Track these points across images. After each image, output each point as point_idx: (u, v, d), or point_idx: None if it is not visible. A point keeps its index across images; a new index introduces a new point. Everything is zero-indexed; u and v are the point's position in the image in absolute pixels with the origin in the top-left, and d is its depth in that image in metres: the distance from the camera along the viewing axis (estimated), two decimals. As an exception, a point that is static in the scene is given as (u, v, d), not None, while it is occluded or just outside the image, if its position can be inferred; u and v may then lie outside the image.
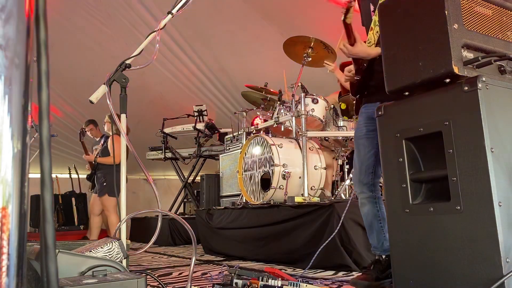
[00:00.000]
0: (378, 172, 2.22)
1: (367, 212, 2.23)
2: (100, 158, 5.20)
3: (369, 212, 2.22)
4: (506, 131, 1.32)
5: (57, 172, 7.70)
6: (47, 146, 0.55)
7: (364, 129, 2.23)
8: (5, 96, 0.53)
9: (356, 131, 2.31)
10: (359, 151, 2.25)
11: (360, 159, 2.24)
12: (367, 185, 2.21)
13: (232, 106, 7.35)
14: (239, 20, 5.85)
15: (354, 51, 2.05)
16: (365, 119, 2.24)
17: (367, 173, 2.21)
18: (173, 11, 2.13)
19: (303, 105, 3.89)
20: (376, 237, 2.22)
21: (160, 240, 5.64)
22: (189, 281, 1.67)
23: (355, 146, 2.31)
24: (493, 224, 1.22)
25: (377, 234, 2.21)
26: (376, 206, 2.22)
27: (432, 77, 1.42)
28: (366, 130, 2.22)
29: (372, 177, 2.21)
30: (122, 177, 2.05)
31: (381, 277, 2.14)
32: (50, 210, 0.55)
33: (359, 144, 2.25)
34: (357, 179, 2.27)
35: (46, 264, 0.54)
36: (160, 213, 1.93)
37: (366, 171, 2.21)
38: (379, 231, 2.21)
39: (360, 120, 2.29)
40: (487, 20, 1.48)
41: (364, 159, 2.22)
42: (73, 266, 1.27)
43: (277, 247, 3.37)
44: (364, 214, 2.26)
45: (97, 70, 5.83)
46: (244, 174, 4.18)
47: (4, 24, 0.53)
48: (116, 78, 2.01)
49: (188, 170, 6.86)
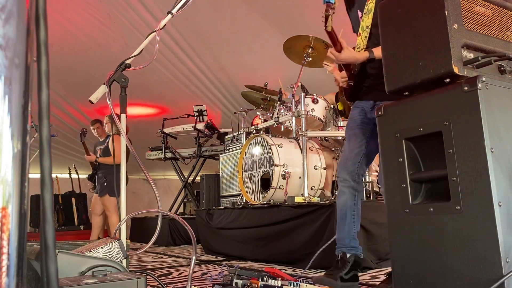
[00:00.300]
0: (364, 165, 2.21)
1: (344, 202, 2.19)
2: (101, 158, 5.21)
3: (346, 203, 2.19)
4: (506, 131, 1.32)
5: (57, 172, 7.70)
6: (47, 146, 0.55)
7: (359, 120, 2.24)
8: (5, 96, 0.53)
9: (349, 122, 2.31)
10: (349, 141, 2.26)
11: (350, 148, 2.23)
12: (352, 173, 2.19)
13: (232, 106, 7.36)
14: (239, 20, 5.85)
15: (340, 57, 2.07)
16: (359, 112, 2.26)
17: (354, 162, 2.20)
18: (173, 11, 2.13)
19: (303, 105, 3.89)
20: (346, 230, 2.17)
21: (160, 240, 5.64)
22: (189, 281, 1.67)
23: (346, 137, 2.32)
24: (493, 224, 1.22)
25: (348, 228, 2.17)
26: (354, 199, 2.19)
27: (432, 77, 1.42)
28: (359, 122, 2.24)
29: (358, 167, 2.19)
30: (122, 177, 2.06)
31: (346, 278, 2.09)
32: (50, 210, 0.55)
33: (351, 135, 2.26)
34: (342, 164, 2.25)
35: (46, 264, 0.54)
36: (160, 213, 1.93)
37: (354, 159, 2.20)
38: (350, 225, 2.17)
39: (354, 113, 2.29)
40: (487, 20, 1.48)
41: (354, 148, 2.21)
42: (73, 266, 1.27)
43: (277, 247, 3.37)
44: (340, 204, 2.22)
45: (97, 70, 5.83)
46: (244, 174, 4.18)
47: (4, 24, 0.53)
48: (116, 78, 2.01)
49: (188, 170, 6.87)
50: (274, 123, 4.20)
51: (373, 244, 2.90)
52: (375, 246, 2.90)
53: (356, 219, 2.18)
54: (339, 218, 2.21)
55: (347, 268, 2.11)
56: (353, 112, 2.31)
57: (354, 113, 2.30)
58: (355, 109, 2.30)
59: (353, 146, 2.22)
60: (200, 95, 7.26)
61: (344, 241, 2.17)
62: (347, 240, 2.16)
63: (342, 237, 2.19)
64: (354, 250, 2.17)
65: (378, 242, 2.89)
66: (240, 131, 4.97)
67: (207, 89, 7.19)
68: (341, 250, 2.19)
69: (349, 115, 2.34)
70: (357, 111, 2.29)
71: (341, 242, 2.20)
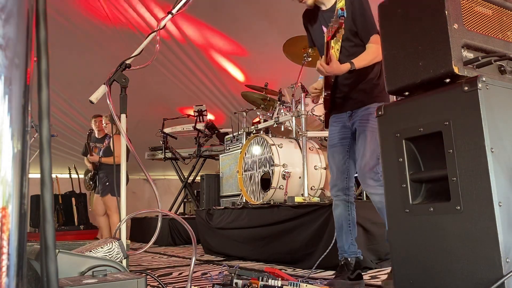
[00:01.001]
0: (351, 175, 2.42)
1: (339, 214, 2.42)
2: (104, 158, 5.21)
3: (341, 215, 2.41)
4: (506, 131, 1.32)
5: (57, 172, 7.70)
6: (47, 146, 0.55)
7: (337, 138, 2.42)
8: (5, 96, 0.53)
9: (330, 140, 2.48)
10: (333, 158, 2.44)
11: (336, 165, 2.42)
12: (342, 189, 2.41)
13: (232, 106, 7.36)
14: (239, 20, 5.85)
15: (329, 69, 2.15)
16: (339, 128, 2.42)
17: (342, 178, 2.41)
18: (173, 11, 2.13)
19: (303, 105, 3.89)
20: (345, 239, 2.40)
21: (160, 240, 5.64)
22: (189, 281, 1.67)
23: (328, 154, 2.48)
24: (493, 224, 1.22)
25: (346, 236, 2.40)
26: (348, 209, 2.42)
27: (432, 77, 1.42)
28: (338, 138, 2.42)
29: (347, 181, 2.41)
30: (123, 177, 2.06)
31: (352, 278, 2.31)
32: (50, 210, 0.55)
33: (334, 152, 2.44)
34: (333, 183, 2.45)
35: (46, 264, 0.54)
36: (160, 213, 1.93)
37: (341, 176, 2.41)
38: (347, 234, 2.40)
39: (333, 130, 2.46)
40: (487, 20, 1.48)
41: (339, 165, 2.41)
42: (73, 266, 1.27)
43: (277, 247, 3.37)
44: (336, 216, 2.44)
45: (97, 70, 5.83)
46: (244, 174, 4.18)
47: (4, 24, 0.53)
48: (116, 78, 2.01)
49: (188, 170, 6.86)
50: (274, 123, 4.20)
51: (373, 244, 2.90)
52: (375, 246, 2.90)
53: (352, 227, 2.41)
54: (337, 229, 2.44)
55: (351, 270, 2.34)
56: (331, 129, 2.47)
57: (332, 130, 2.46)
58: (333, 126, 2.46)
59: (338, 164, 2.41)
60: (200, 95, 7.26)
61: (344, 248, 2.40)
62: (347, 246, 2.40)
63: (342, 245, 2.42)
64: (354, 254, 2.40)
65: (378, 242, 2.90)
66: (240, 131, 4.97)
67: (207, 89, 7.19)
68: (342, 256, 2.41)
69: (329, 132, 2.49)
70: (335, 128, 2.44)
71: (342, 249, 2.42)
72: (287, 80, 4.63)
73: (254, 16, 5.69)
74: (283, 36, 4.50)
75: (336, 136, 2.43)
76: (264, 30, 5.83)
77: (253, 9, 5.60)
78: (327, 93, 2.39)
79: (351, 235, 2.40)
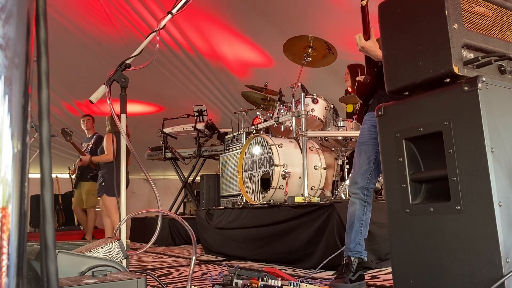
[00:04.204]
0: (374, 179, 2.31)
1: (353, 212, 2.32)
2: (95, 157, 5.18)
3: (355, 213, 2.32)
4: (506, 131, 1.32)
5: (57, 172, 7.70)
6: (47, 146, 0.55)
7: (367, 137, 2.31)
8: (5, 96, 0.53)
9: (360, 137, 2.38)
10: (359, 155, 2.33)
11: (360, 163, 2.32)
12: (362, 188, 2.30)
13: (232, 106, 7.35)
14: (239, 20, 5.85)
15: (362, 43, 2.03)
16: (369, 127, 2.31)
17: (364, 177, 2.29)
18: (173, 11, 2.13)
19: (303, 105, 3.89)
20: (353, 237, 2.31)
21: (160, 240, 5.64)
22: (189, 281, 1.67)
23: (356, 150, 2.38)
24: (493, 224, 1.22)
25: (355, 234, 2.31)
26: (363, 209, 2.32)
27: (432, 77, 1.42)
28: (369, 137, 2.31)
29: (368, 182, 2.30)
30: (123, 177, 2.05)
31: (353, 279, 2.26)
32: (50, 210, 0.55)
33: (361, 150, 2.33)
34: (353, 180, 2.35)
35: (46, 264, 0.54)
36: (160, 213, 1.93)
37: (363, 174, 2.30)
38: (357, 233, 2.32)
39: (364, 127, 2.36)
40: (487, 20, 1.48)
41: (364, 164, 2.30)
42: (73, 266, 1.27)
43: (277, 247, 3.37)
44: (350, 212, 2.34)
45: (97, 70, 5.83)
46: (244, 174, 4.18)
47: (4, 24, 0.53)
48: (116, 78, 2.01)
49: (188, 170, 6.86)
50: (274, 123, 4.20)
51: (373, 244, 2.89)
52: (375, 246, 2.90)
53: (364, 228, 2.32)
54: (348, 226, 2.35)
55: (353, 271, 2.29)
56: (363, 126, 2.37)
57: (364, 128, 2.36)
58: (365, 124, 2.36)
59: (363, 162, 2.30)
60: (200, 95, 7.26)
61: (350, 246, 2.33)
62: (353, 245, 2.32)
63: (348, 242, 2.35)
64: (358, 254, 2.33)
65: (378, 242, 2.89)
66: (240, 131, 4.97)
67: (207, 89, 7.19)
68: (347, 254, 2.35)
69: (361, 128, 2.39)
70: (366, 126, 2.33)
71: (347, 247, 2.35)
72: (287, 80, 4.63)
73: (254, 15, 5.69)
74: (283, 36, 4.50)
75: (367, 134, 2.31)
76: (264, 30, 5.83)
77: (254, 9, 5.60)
78: (369, 79, 2.17)
79: (360, 234, 2.31)
